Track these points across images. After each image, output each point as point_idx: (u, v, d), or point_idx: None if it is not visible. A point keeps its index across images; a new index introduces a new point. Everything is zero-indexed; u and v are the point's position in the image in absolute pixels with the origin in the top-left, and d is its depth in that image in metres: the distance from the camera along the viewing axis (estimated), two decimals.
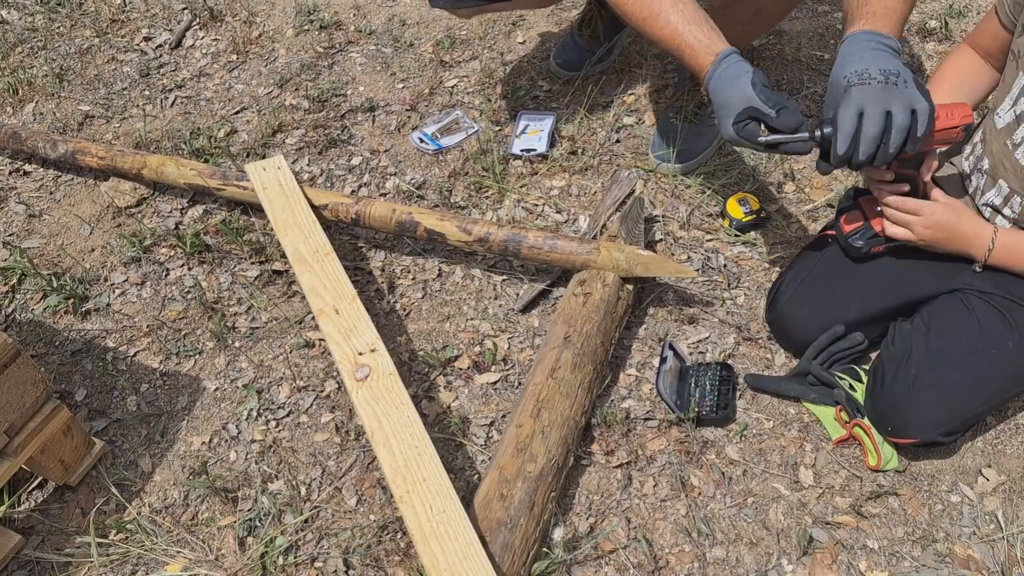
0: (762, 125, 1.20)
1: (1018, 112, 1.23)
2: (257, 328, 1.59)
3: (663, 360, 1.45)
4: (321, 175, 1.90)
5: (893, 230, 1.32)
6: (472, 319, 1.60)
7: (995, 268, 1.30)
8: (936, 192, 1.29)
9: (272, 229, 1.61)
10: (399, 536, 1.28)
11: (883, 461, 1.33)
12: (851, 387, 1.40)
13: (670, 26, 1.32)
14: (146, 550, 1.26)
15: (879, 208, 1.34)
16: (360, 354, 1.30)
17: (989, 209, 1.33)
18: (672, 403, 1.40)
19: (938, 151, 1.29)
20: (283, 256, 1.62)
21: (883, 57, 1.14)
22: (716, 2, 1.68)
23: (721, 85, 1.25)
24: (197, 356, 1.55)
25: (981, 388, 1.26)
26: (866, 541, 1.27)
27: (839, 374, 1.42)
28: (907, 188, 1.28)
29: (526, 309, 1.61)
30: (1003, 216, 1.31)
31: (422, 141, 1.93)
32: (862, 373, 1.43)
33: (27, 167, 1.95)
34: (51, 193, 1.89)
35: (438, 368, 1.51)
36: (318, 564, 1.25)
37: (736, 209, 1.70)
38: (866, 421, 1.36)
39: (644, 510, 1.31)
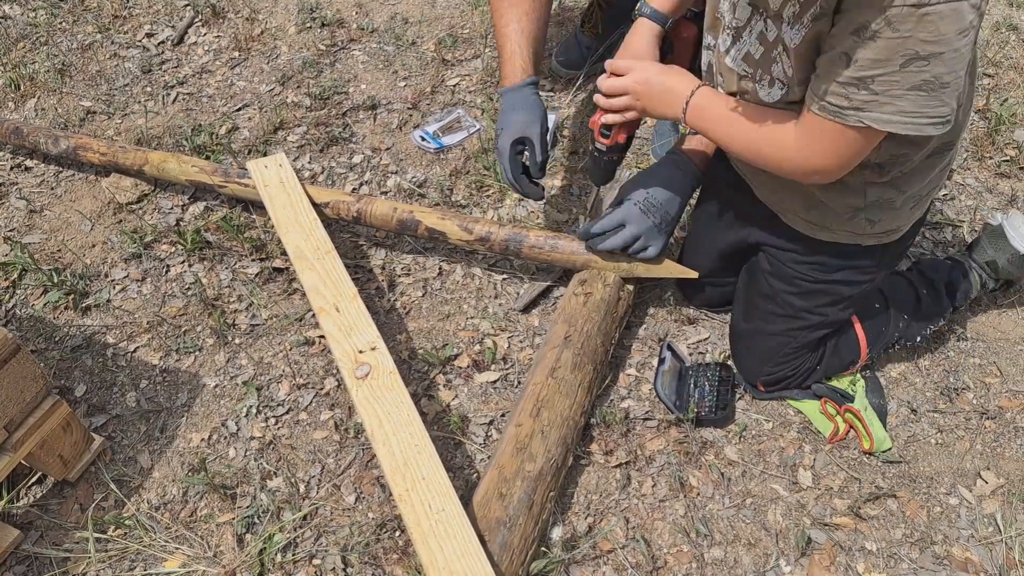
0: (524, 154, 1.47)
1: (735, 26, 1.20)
2: (257, 325, 1.59)
3: (661, 361, 1.45)
4: (322, 173, 1.90)
5: (613, 101, 1.30)
6: (472, 318, 1.60)
7: (695, 131, 1.32)
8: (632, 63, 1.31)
9: (273, 226, 1.61)
10: (398, 534, 1.28)
11: (876, 443, 1.35)
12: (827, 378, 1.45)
13: (507, 28, 1.54)
14: (145, 546, 1.26)
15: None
16: (360, 352, 1.30)
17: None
18: (671, 404, 1.40)
19: None
20: (284, 253, 1.62)
21: None
22: None
23: (518, 104, 1.48)
24: (197, 353, 1.55)
25: (776, 339, 1.39)
26: (864, 543, 1.27)
27: None
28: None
29: (527, 309, 1.61)
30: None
31: (423, 139, 1.93)
32: None
33: (28, 162, 1.95)
34: (52, 189, 1.89)
35: (438, 367, 1.51)
36: (316, 561, 1.25)
37: None
38: (855, 406, 1.37)
39: (643, 510, 1.31)
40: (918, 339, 1.49)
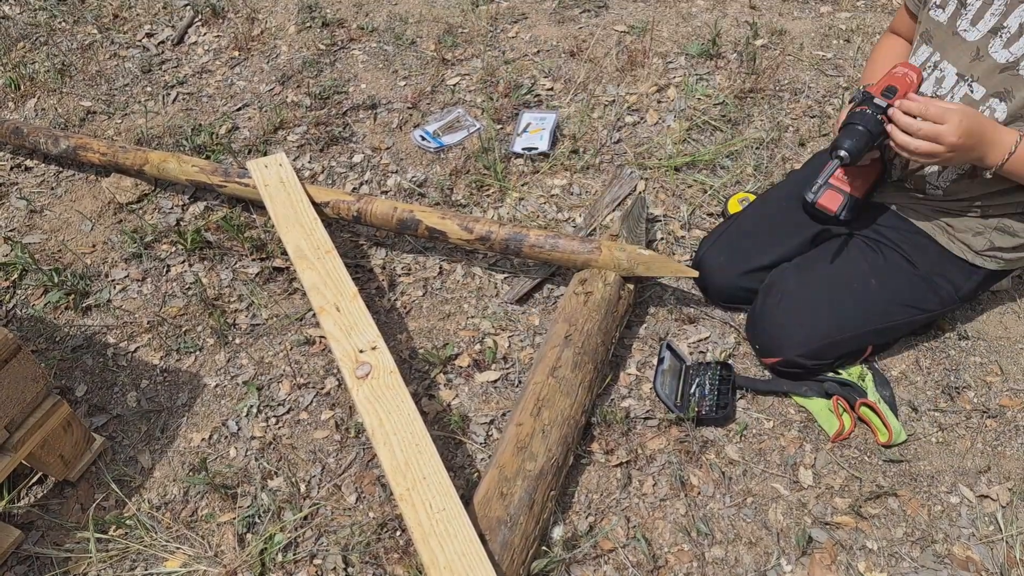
0: None
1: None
2: (258, 325, 1.59)
3: (660, 361, 1.45)
4: (322, 172, 1.90)
5: (918, 145, 1.19)
6: (473, 317, 1.60)
7: (1004, 176, 1.24)
8: (927, 100, 1.22)
9: (273, 226, 1.61)
10: (398, 534, 1.28)
11: (894, 435, 1.36)
12: (836, 372, 1.44)
13: None
14: (145, 546, 1.26)
15: (859, 166, 1.41)
16: (361, 351, 1.30)
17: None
18: (671, 403, 1.40)
19: None
20: (284, 253, 1.62)
21: None
22: None
23: None
24: (197, 352, 1.55)
25: (838, 317, 1.39)
26: (865, 542, 1.27)
27: None
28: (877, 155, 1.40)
29: (521, 301, 1.61)
30: (889, 162, 1.43)
31: (423, 139, 1.93)
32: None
33: (29, 162, 1.95)
34: (52, 189, 1.89)
35: (438, 366, 1.51)
36: (317, 561, 1.25)
37: (737, 208, 1.69)
38: (871, 399, 1.38)
39: (643, 509, 1.31)
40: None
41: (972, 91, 1.26)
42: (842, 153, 1.26)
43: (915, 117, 1.19)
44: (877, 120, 1.24)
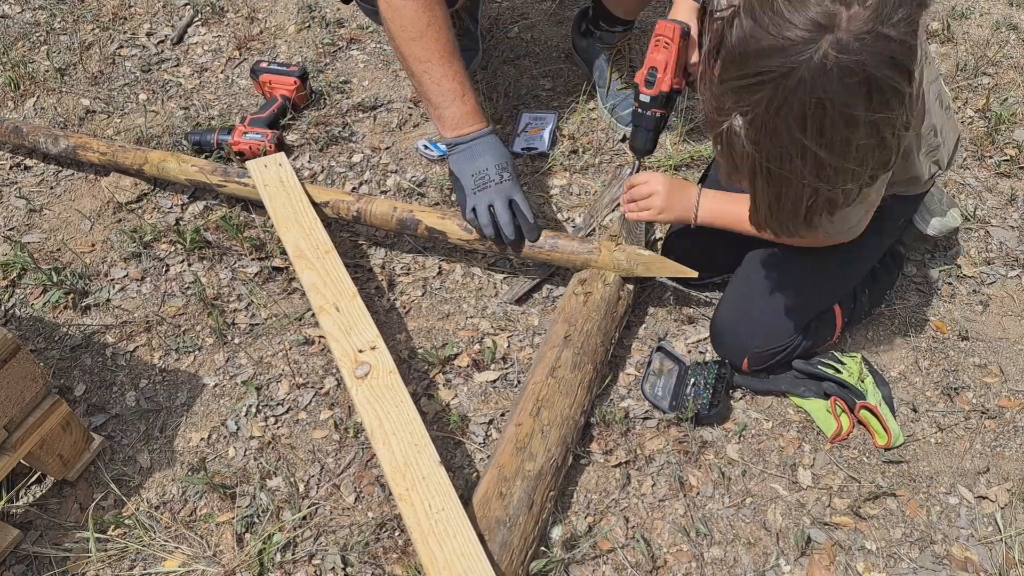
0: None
1: None
2: (257, 325, 1.59)
3: (648, 363, 1.46)
4: (322, 172, 1.90)
5: (639, 215, 1.45)
6: (472, 317, 1.60)
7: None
8: (648, 175, 1.45)
9: (272, 226, 1.61)
10: (397, 534, 1.28)
11: (893, 437, 1.36)
12: (836, 371, 1.44)
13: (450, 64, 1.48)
14: (144, 545, 1.26)
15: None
16: (360, 351, 1.30)
17: None
18: (656, 402, 1.41)
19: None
20: (283, 253, 1.62)
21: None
22: None
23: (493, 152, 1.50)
24: (196, 352, 1.55)
25: (780, 297, 1.40)
26: (864, 542, 1.27)
27: (824, 361, 1.45)
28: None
29: (520, 301, 1.61)
30: None
31: (426, 148, 1.93)
32: (845, 359, 1.46)
33: (28, 162, 1.95)
34: (51, 188, 1.89)
35: (437, 366, 1.51)
36: (316, 561, 1.25)
37: None
38: (870, 402, 1.38)
39: (642, 509, 1.31)
40: (875, 311, 1.57)
41: None
42: (636, 156, 1.49)
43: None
44: (652, 117, 1.39)
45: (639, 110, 1.40)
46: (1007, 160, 1.90)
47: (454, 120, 1.49)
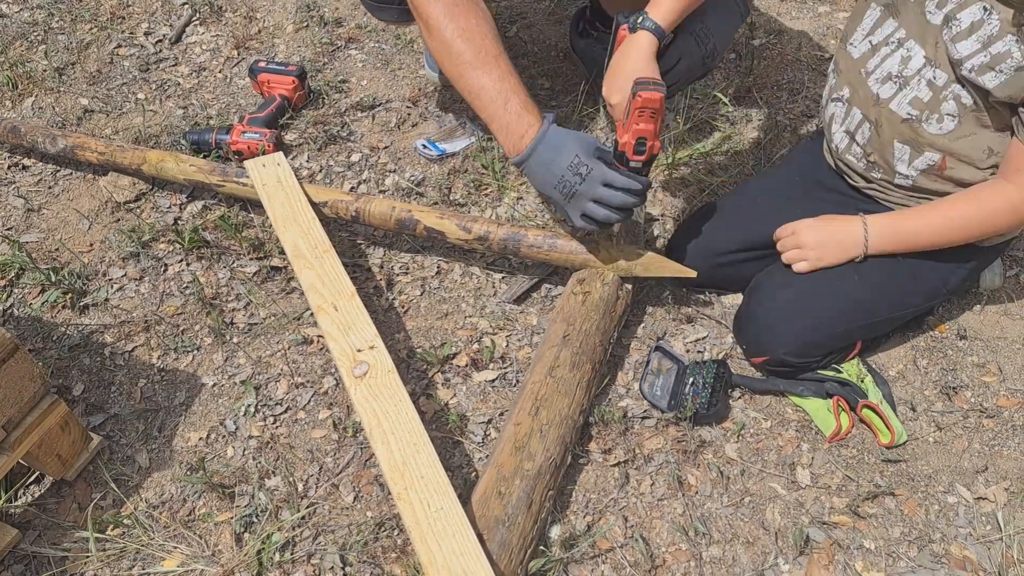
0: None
1: (873, 42, 1.29)
2: (255, 324, 1.59)
3: (647, 363, 1.46)
4: (320, 171, 1.90)
5: (799, 266, 1.41)
6: (471, 316, 1.60)
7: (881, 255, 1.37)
8: (793, 224, 1.43)
9: (271, 225, 1.61)
10: (396, 533, 1.28)
11: (897, 435, 1.36)
12: (836, 371, 1.44)
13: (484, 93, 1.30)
14: (143, 545, 1.26)
15: None
16: (358, 351, 1.30)
17: (846, 136, 1.40)
18: (655, 402, 1.41)
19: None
20: (282, 252, 1.62)
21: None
22: None
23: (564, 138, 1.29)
24: (195, 352, 1.55)
25: (822, 315, 1.38)
26: (863, 541, 1.27)
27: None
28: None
29: (519, 300, 1.61)
30: (856, 143, 1.38)
31: (425, 147, 1.92)
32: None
33: (26, 161, 1.95)
34: (50, 188, 1.89)
35: (436, 365, 1.51)
36: (315, 560, 1.25)
37: None
38: (873, 400, 1.38)
39: (641, 509, 1.31)
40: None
41: (935, 78, 1.22)
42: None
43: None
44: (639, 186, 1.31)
45: (622, 170, 1.34)
46: None
47: (505, 136, 1.32)
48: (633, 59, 1.34)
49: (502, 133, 1.31)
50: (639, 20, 1.35)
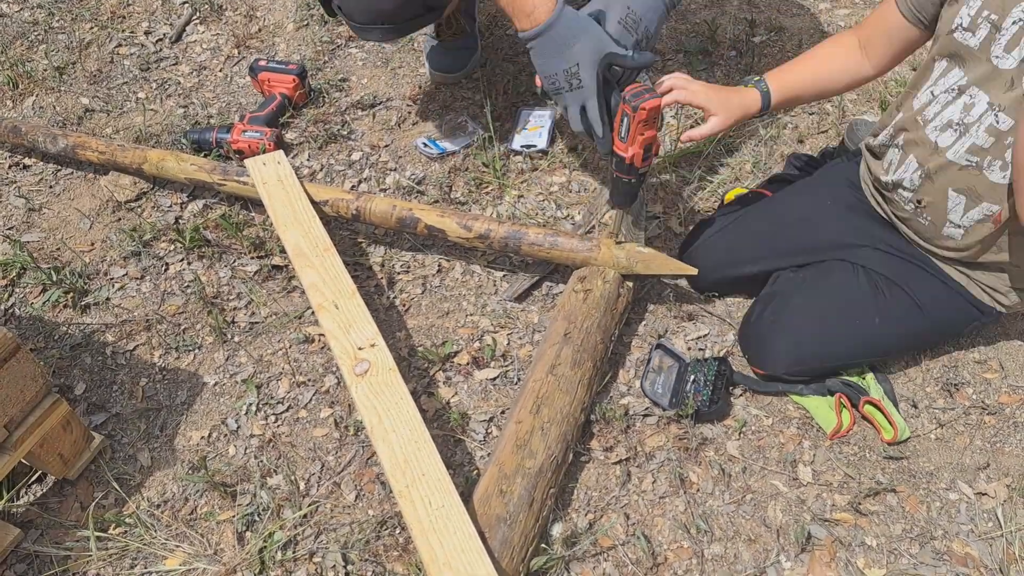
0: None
1: (935, 92, 1.29)
2: (256, 323, 1.59)
3: (648, 360, 1.46)
4: (321, 170, 1.90)
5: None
6: (472, 315, 1.60)
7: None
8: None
9: (272, 224, 1.61)
10: (398, 531, 1.28)
11: (900, 431, 1.36)
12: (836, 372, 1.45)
13: None
14: (145, 544, 1.26)
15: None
16: (360, 349, 1.30)
17: (898, 181, 1.39)
18: (656, 399, 1.41)
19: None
20: (283, 251, 1.62)
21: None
22: None
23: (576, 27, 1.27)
24: (196, 351, 1.55)
25: (832, 346, 1.40)
26: (864, 538, 1.27)
27: None
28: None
29: (520, 299, 1.61)
30: (903, 188, 1.37)
31: (425, 146, 1.92)
32: None
33: (27, 161, 1.95)
34: (51, 187, 1.89)
35: (437, 364, 1.51)
36: (317, 559, 1.25)
37: None
38: (874, 396, 1.38)
39: (643, 506, 1.31)
40: None
41: (998, 121, 1.20)
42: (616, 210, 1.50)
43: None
44: (639, 181, 1.41)
45: (630, 179, 1.39)
46: None
47: (512, 8, 1.29)
48: (733, 107, 1.39)
49: (510, 6, 1.28)
50: (756, 80, 1.43)
